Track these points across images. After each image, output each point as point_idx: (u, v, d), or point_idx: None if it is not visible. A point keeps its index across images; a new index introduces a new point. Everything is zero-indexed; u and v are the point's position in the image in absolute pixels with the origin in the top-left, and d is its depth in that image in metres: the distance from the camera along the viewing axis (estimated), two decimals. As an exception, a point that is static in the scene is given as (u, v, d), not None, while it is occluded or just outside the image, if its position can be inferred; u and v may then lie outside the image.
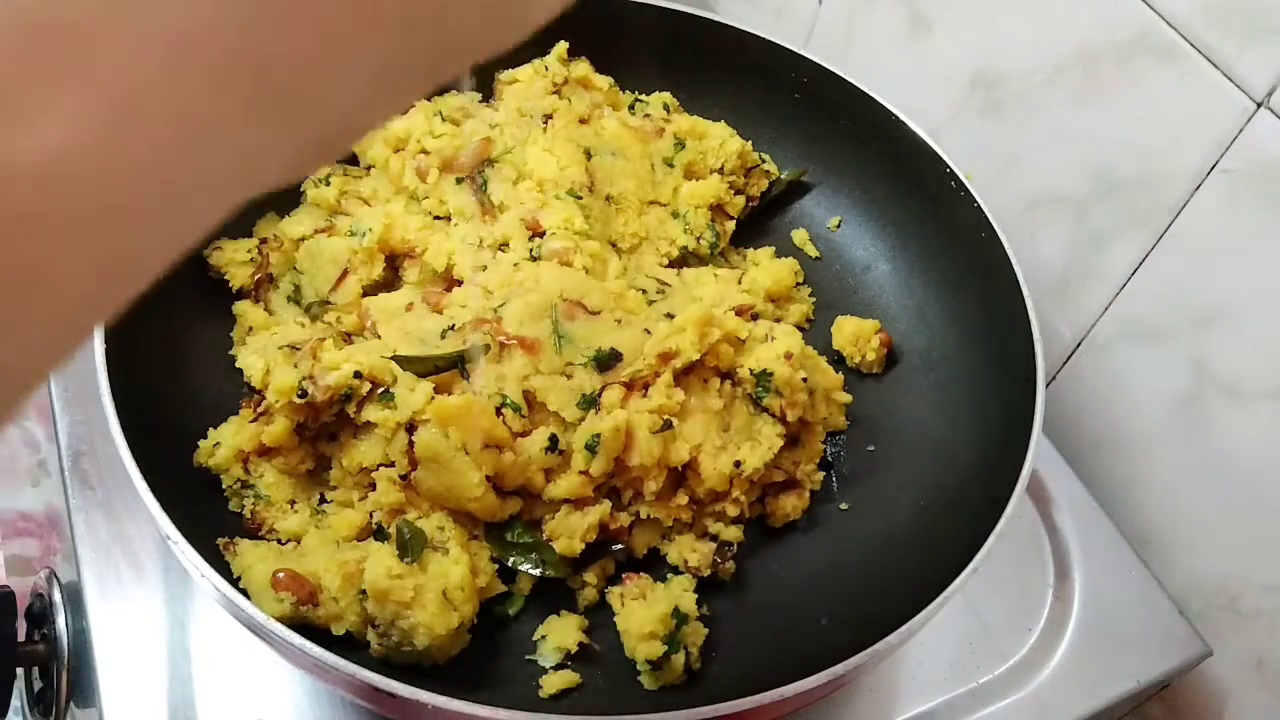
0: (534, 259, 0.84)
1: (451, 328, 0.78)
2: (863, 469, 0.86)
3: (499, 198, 0.87)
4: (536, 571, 0.74)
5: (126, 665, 0.74)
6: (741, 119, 0.99)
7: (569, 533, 0.74)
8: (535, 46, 0.98)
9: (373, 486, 0.74)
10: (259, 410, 0.74)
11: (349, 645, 0.68)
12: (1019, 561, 0.89)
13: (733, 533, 0.79)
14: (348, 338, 0.80)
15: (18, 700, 0.79)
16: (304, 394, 0.72)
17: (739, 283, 0.91)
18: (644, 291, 0.85)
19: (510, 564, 0.74)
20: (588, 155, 0.92)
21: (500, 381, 0.75)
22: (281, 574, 0.67)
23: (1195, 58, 0.82)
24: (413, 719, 0.66)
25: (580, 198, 0.89)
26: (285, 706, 0.74)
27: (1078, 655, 0.85)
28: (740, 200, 0.97)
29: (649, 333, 0.79)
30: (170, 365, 0.77)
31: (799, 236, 0.99)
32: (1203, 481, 0.91)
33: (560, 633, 0.73)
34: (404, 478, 0.72)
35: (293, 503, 0.75)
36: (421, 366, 0.74)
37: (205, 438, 0.75)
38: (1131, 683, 0.85)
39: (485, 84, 0.98)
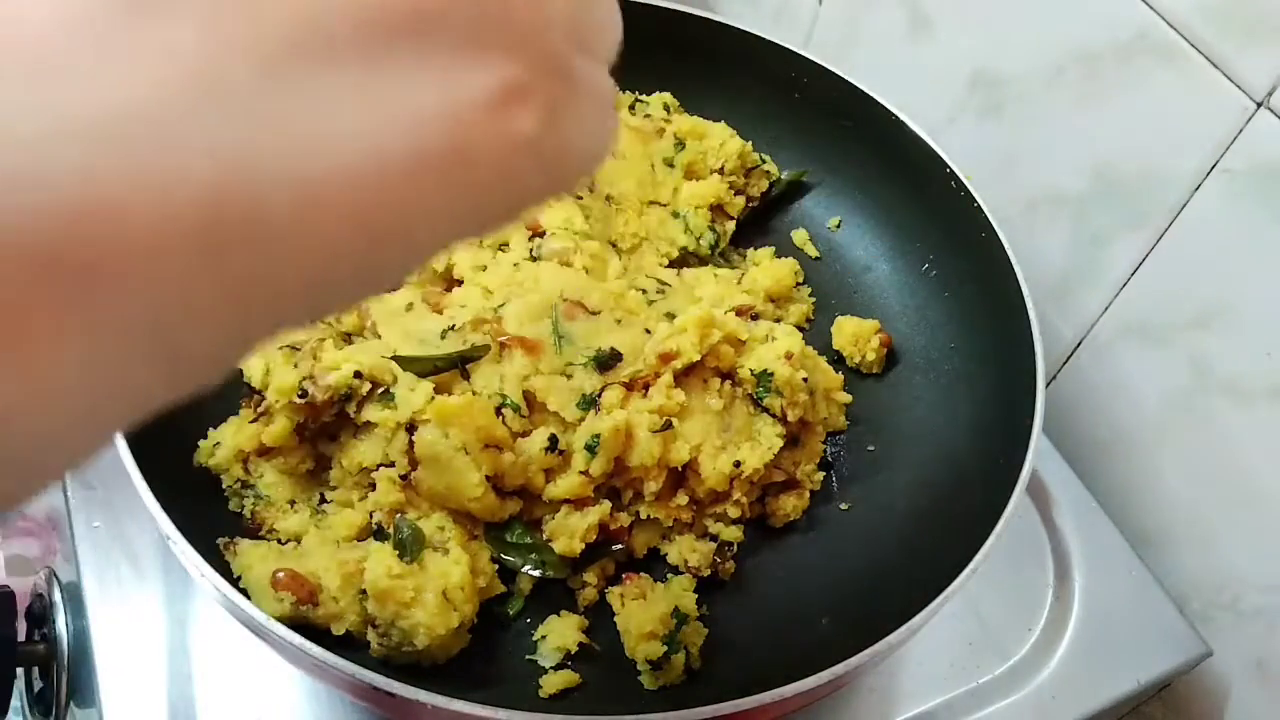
0: (534, 259, 0.84)
1: (451, 328, 0.78)
2: (863, 469, 0.85)
3: (499, 198, 0.87)
4: (536, 572, 0.74)
5: (126, 665, 0.74)
6: (741, 119, 0.99)
7: (569, 533, 0.74)
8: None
9: (373, 486, 0.74)
10: (259, 410, 0.74)
11: (349, 645, 0.68)
12: (1019, 561, 0.89)
13: (733, 533, 0.79)
14: (348, 338, 0.80)
15: (18, 700, 0.79)
16: (304, 394, 0.72)
17: (739, 283, 0.92)
18: (644, 291, 0.85)
19: (510, 565, 0.74)
20: (588, 155, 0.92)
21: (500, 381, 0.75)
22: (281, 574, 0.67)
23: (1195, 58, 0.82)
24: (412, 719, 0.66)
25: (580, 198, 0.89)
26: (285, 706, 0.74)
27: (1078, 655, 0.85)
28: (740, 200, 0.97)
29: (649, 333, 0.79)
30: (170, 365, 0.77)
31: (799, 236, 0.99)
32: (1203, 481, 0.91)
33: (560, 633, 0.73)
34: (404, 478, 0.72)
35: (293, 503, 0.75)
36: (421, 366, 0.74)
37: (205, 438, 0.75)
38: (1131, 683, 0.84)
39: (485, 84, 0.98)
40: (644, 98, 1.01)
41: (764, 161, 1.00)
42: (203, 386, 0.26)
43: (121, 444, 0.65)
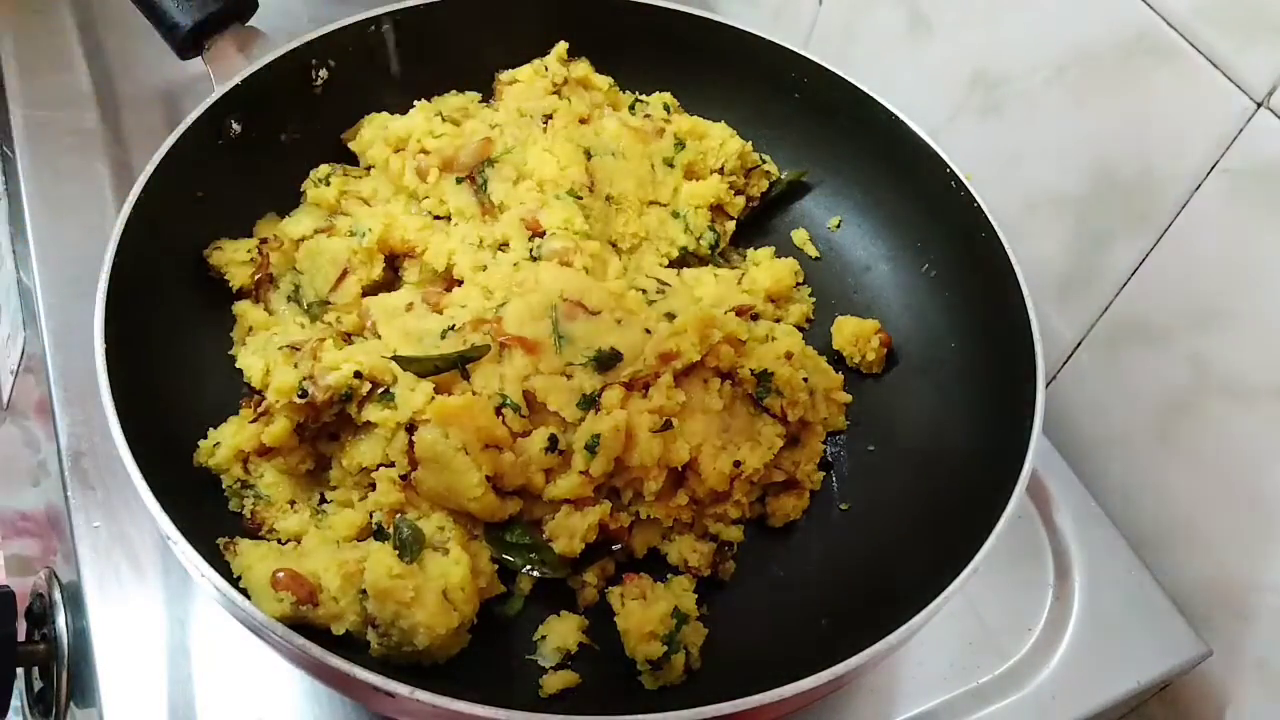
0: (534, 259, 0.84)
1: (451, 328, 0.78)
2: (863, 469, 0.86)
3: (499, 198, 0.87)
4: (536, 573, 0.74)
5: (126, 665, 0.74)
6: (741, 119, 0.99)
7: (569, 533, 0.74)
8: (535, 46, 0.98)
9: (373, 486, 0.74)
10: (259, 410, 0.74)
11: (349, 645, 0.68)
12: (1019, 561, 0.89)
13: (733, 533, 0.79)
14: (348, 338, 0.80)
15: (18, 700, 0.79)
16: (304, 394, 0.72)
17: (739, 283, 0.92)
18: (644, 291, 0.85)
19: (510, 565, 0.74)
20: (588, 155, 0.92)
21: (500, 381, 0.75)
22: (281, 574, 0.67)
23: (1195, 58, 0.82)
24: (412, 719, 0.66)
25: (580, 198, 0.89)
26: (285, 706, 0.74)
27: (1078, 655, 0.85)
28: (740, 200, 0.97)
29: (649, 333, 0.79)
30: (170, 365, 0.77)
31: (799, 236, 0.99)
32: (1203, 481, 0.91)
33: (560, 633, 0.73)
34: (404, 478, 0.72)
35: (293, 503, 0.75)
36: (421, 366, 0.74)
37: (205, 438, 0.75)
38: (1131, 683, 0.85)
39: (485, 84, 0.98)
40: (644, 98, 1.01)
41: (764, 161, 1.00)
42: None
43: (121, 444, 0.65)
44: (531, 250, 0.85)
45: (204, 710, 0.73)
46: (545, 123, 0.93)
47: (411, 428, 0.72)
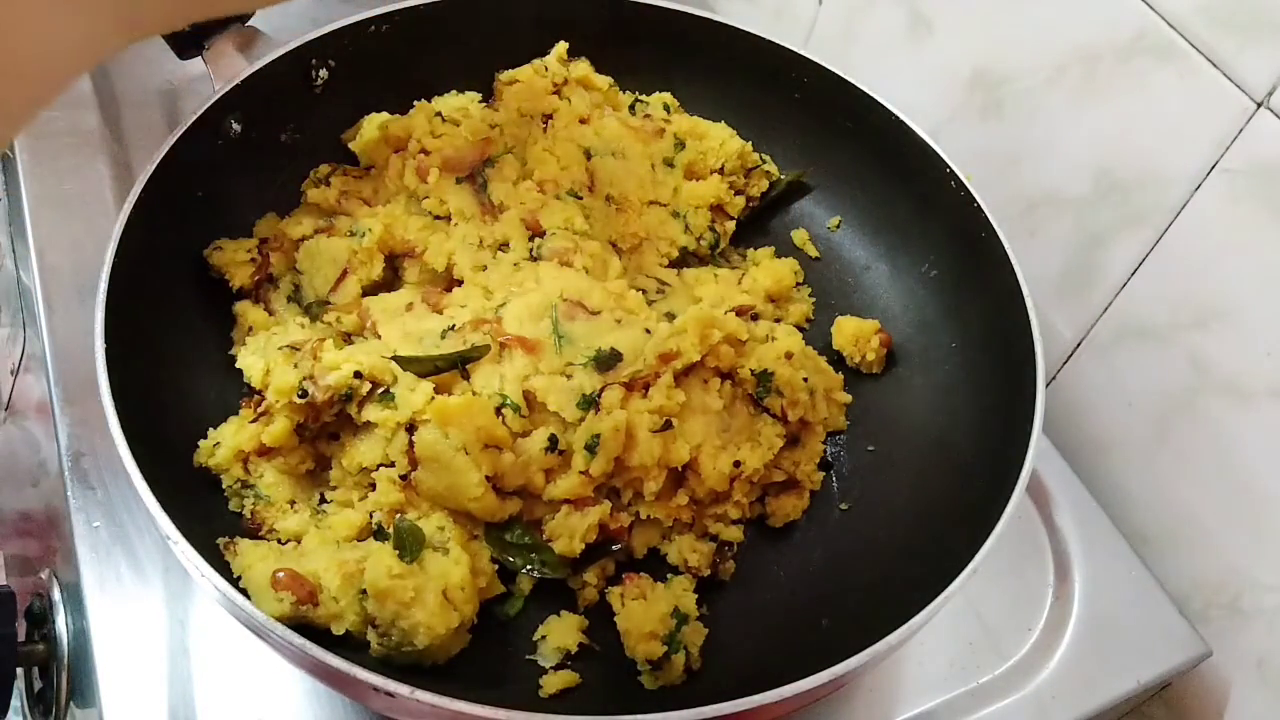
0: (534, 259, 0.84)
1: (451, 328, 0.78)
2: (863, 469, 0.86)
3: (499, 198, 0.87)
4: (536, 573, 0.74)
5: (126, 665, 0.74)
6: (741, 119, 0.99)
7: (569, 533, 0.74)
8: (535, 47, 0.98)
9: (373, 486, 0.74)
10: (259, 410, 0.74)
11: (349, 645, 0.68)
12: (1019, 561, 0.89)
13: (733, 533, 0.79)
14: (348, 338, 0.80)
15: (18, 700, 0.79)
16: (304, 394, 0.72)
17: (739, 283, 0.92)
18: (644, 291, 0.85)
19: (510, 565, 0.74)
20: (588, 155, 0.92)
21: (500, 381, 0.75)
22: (281, 574, 0.67)
23: (1195, 58, 0.82)
24: (413, 719, 0.66)
25: (580, 198, 0.89)
26: (285, 706, 0.74)
27: (1078, 655, 0.85)
28: (740, 200, 0.97)
29: (649, 333, 0.79)
30: (170, 365, 0.77)
31: (799, 236, 0.99)
32: (1203, 481, 0.91)
33: (560, 633, 0.73)
34: (404, 478, 0.72)
35: (293, 503, 0.75)
36: (421, 366, 0.74)
37: (205, 438, 0.75)
38: (1131, 683, 0.85)
39: (485, 84, 0.98)
40: (644, 98, 1.00)
41: (764, 161, 1.00)
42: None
43: (121, 444, 0.65)
44: (531, 250, 0.85)
45: (204, 710, 0.73)
46: (545, 123, 0.93)
47: (411, 428, 0.72)
